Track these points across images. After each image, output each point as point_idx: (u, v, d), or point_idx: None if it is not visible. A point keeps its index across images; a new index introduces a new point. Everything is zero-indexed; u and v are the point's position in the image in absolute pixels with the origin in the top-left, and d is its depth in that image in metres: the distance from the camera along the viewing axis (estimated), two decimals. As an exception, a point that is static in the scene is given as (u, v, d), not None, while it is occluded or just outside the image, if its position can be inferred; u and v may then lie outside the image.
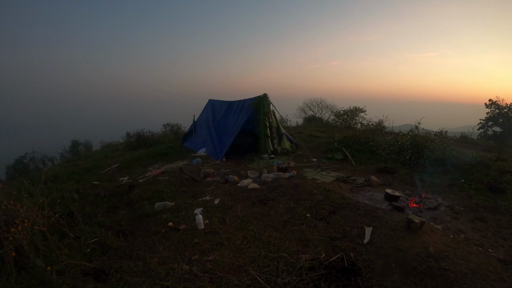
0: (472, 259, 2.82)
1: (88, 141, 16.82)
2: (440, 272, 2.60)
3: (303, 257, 2.93)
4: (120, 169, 7.50)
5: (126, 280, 2.68)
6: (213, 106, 9.42)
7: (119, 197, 4.98)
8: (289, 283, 2.62)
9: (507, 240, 3.32)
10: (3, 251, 2.67)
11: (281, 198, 4.46)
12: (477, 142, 10.78)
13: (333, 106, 17.17)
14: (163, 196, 4.73)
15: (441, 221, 3.78)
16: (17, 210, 2.96)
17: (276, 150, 7.83)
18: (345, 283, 2.58)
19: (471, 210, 4.15)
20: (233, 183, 5.34)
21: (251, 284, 2.63)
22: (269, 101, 7.78)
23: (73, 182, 6.50)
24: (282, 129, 8.50)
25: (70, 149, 15.05)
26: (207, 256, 3.06)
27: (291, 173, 5.74)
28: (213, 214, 4.05)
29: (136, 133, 12.34)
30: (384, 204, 4.25)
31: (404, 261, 2.79)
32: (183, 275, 2.77)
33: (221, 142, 7.80)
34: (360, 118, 12.56)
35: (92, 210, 4.45)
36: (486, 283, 2.51)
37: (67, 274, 2.81)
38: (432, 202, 4.33)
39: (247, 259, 3.00)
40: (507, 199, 4.38)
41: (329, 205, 4.10)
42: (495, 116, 11.84)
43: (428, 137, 6.85)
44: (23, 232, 2.82)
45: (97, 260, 3.04)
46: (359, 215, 3.78)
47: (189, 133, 9.99)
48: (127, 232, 3.65)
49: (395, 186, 5.11)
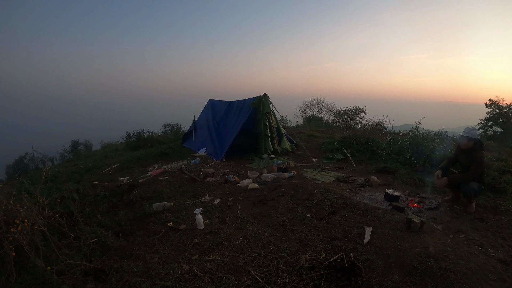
0: (472, 259, 2.82)
1: (88, 141, 16.81)
2: (440, 272, 2.60)
3: (303, 257, 2.93)
4: (120, 169, 7.51)
5: (126, 280, 2.68)
6: (213, 106, 9.42)
7: (119, 197, 4.99)
8: (289, 283, 2.62)
9: (507, 240, 3.32)
10: (3, 251, 2.67)
11: (281, 198, 4.46)
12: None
13: (333, 106, 17.19)
14: (163, 196, 4.73)
15: (441, 221, 3.78)
16: (17, 210, 2.97)
17: (276, 150, 7.83)
18: (345, 283, 2.58)
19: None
20: (233, 183, 5.34)
21: (251, 284, 2.63)
22: (269, 101, 7.79)
23: (73, 182, 6.49)
24: (282, 129, 8.50)
25: (70, 149, 15.04)
26: (207, 256, 3.06)
27: (291, 173, 5.74)
28: (213, 214, 4.05)
29: (136, 133, 12.34)
30: (384, 204, 4.25)
31: (404, 261, 2.78)
32: (183, 275, 2.77)
33: (221, 142, 7.80)
34: (360, 118, 12.58)
35: (92, 210, 4.45)
36: (486, 283, 2.51)
37: (67, 274, 2.81)
38: (432, 202, 4.33)
39: (247, 259, 3.00)
40: (507, 199, 4.37)
41: (329, 205, 4.10)
42: (495, 116, 11.82)
43: (428, 137, 6.85)
44: (23, 232, 2.82)
45: (97, 260, 3.04)
46: (359, 215, 3.78)
47: (189, 133, 9.99)
48: (127, 232, 3.65)
49: (395, 186, 5.11)
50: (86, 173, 7.78)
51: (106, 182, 6.22)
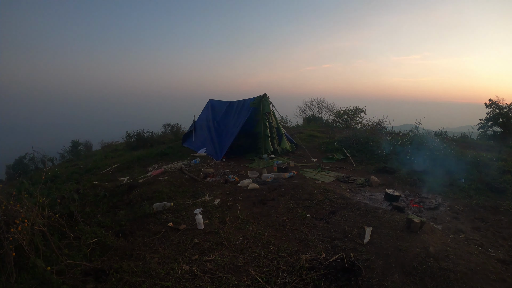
0: (472, 259, 2.82)
1: (88, 141, 16.81)
2: (440, 272, 2.60)
3: (303, 257, 2.93)
4: (120, 169, 7.50)
5: (126, 280, 2.68)
6: (213, 106, 9.42)
7: (119, 197, 4.99)
8: (289, 283, 2.62)
9: (507, 240, 3.32)
10: (3, 251, 2.67)
11: (281, 198, 4.46)
12: (477, 142, 10.77)
13: (333, 106, 17.18)
14: (163, 196, 4.73)
15: (441, 221, 3.78)
16: (17, 210, 2.97)
17: (276, 150, 7.83)
18: (345, 283, 2.58)
19: (471, 210, 4.15)
20: (233, 183, 5.34)
21: (251, 284, 2.63)
22: (269, 101, 7.79)
23: (73, 182, 6.50)
24: (282, 129, 8.50)
25: (70, 149, 15.05)
26: (207, 256, 3.06)
27: (291, 173, 5.74)
28: (213, 214, 4.05)
29: (136, 133, 12.35)
30: (384, 204, 4.25)
31: (404, 261, 2.78)
32: (183, 275, 2.76)
33: (221, 142, 7.80)
34: (360, 118, 12.56)
35: (92, 210, 4.45)
36: (486, 283, 2.51)
37: (67, 274, 2.81)
38: (432, 202, 4.33)
39: (247, 259, 3.00)
40: (507, 199, 4.37)
41: (329, 205, 4.10)
42: (495, 116, 11.82)
43: (428, 137, 6.85)
44: (23, 232, 2.82)
45: (97, 260, 3.04)
46: (359, 215, 3.77)
47: (189, 133, 9.99)
48: (127, 232, 3.65)
49: (395, 186, 5.11)
50: (86, 173, 7.78)
51: (106, 182, 6.21)
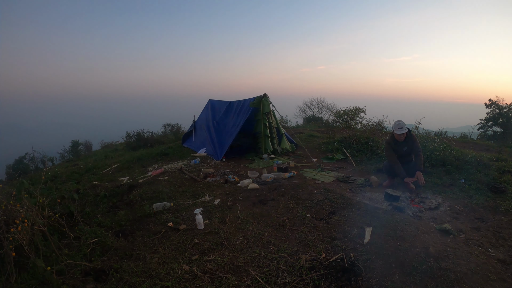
0: (472, 259, 2.82)
1: (88, 141, 16.84)
2: (440, 272, 2.60)
3: (303, 257, 2.93)
4: (120, 169, 7.50)
5: (126, 280, 2.68)
6: (213, 106, 9.42)
7: (119, 197, 4.99)
8: (289, 283, 2.62)
9: (507, 240, 3.31)
10: (3, 251, 2.67)
11: (281, 198, 4.46)
12: (477, 142, 10.78)
13: (333, 106, 17.19)
14: (163, 197, 4.73)
15: (441, 221, 3.78)
16: (17, 210, 2.97)
17: (276, 150, 7.83)
18: (345, 283, 2.58)
19: (471, 210, 4.14)
20: (233, 183, 5.34)
21: (251, 284, 2.63)
22: (269, 101, 7.79)
23: (73, 182, 6.50)
24: (282, 129, 8.50)
25: (70, 149, 15.07)
26: (207, 256, 3.06)
27: (291, 173, 5.74)
28: (213, 214, 4.05)
29: (136, 133, 12.36)
30: (384, 204, 4.25)
31: (404, 261, 2.78)
32: (183, 275, 2.76)
33: (221, 142, 7.80)
34: (360, 118, 12.56)
35: (92, 210, 4.45)
36: (486, 283, 2.50)
37: (67, 274, 2.81)
38: (432, 202, 4.33)
39: (247, 259, 3.00)
40: (507, 199, 4.37)
41: (329, 205, 4.10)
42: (495, 116, 11.83)
43: (428, 137, 6.85)
44: (23, 232, 2.82)
45: (97, 260, 3.04)
46: (359, 215, 3.77)
47: (189, 133, 10.00)
48: (127, 232, 3.65)
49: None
50: (86, 173, 7.78)
51: (106, 182, 6.22)
